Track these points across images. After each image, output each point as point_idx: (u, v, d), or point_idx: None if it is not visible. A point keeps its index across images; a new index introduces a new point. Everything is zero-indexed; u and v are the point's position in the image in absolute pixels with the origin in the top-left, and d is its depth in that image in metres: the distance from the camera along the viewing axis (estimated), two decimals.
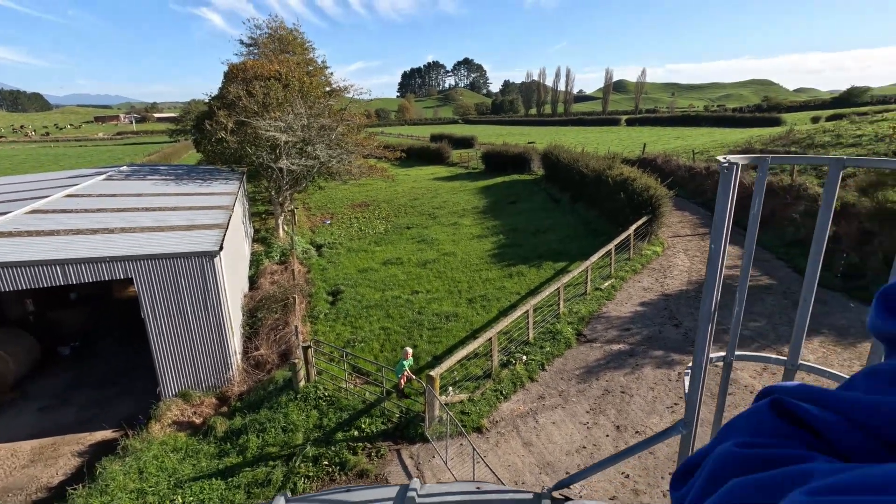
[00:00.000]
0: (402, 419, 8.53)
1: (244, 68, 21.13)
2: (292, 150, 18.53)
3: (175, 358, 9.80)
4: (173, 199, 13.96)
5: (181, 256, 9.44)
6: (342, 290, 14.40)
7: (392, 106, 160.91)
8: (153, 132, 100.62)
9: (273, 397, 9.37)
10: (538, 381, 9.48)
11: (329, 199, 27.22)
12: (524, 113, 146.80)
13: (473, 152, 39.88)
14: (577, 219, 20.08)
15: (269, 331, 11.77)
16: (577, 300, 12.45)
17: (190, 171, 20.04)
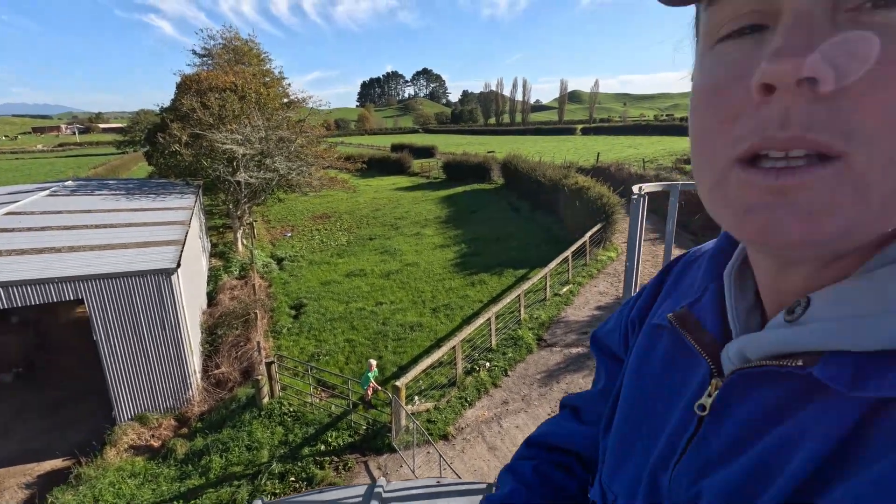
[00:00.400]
0: (369, 430, 8.59)
1: (198, 79, 20.69)
2: (250, 163, 18.26)
3: (130, 380, 9.49)
4: (125, 216, 13.50)
5: (136, 275, 9.19)
6: (305, 304, 14.28)
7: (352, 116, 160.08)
8: (98, 143, 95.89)
9: (236, 416, 9.22)
10: (501, 387, 9.75)
11: (289, 211, 26.84)
12: (483, 122, 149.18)
13: (434, 162, 40.29)
14: (537, 226, 20.67)
15: (230, 348, 11.55)
16: (537, 306, 12.85)
17: (142, 185, 19.36)
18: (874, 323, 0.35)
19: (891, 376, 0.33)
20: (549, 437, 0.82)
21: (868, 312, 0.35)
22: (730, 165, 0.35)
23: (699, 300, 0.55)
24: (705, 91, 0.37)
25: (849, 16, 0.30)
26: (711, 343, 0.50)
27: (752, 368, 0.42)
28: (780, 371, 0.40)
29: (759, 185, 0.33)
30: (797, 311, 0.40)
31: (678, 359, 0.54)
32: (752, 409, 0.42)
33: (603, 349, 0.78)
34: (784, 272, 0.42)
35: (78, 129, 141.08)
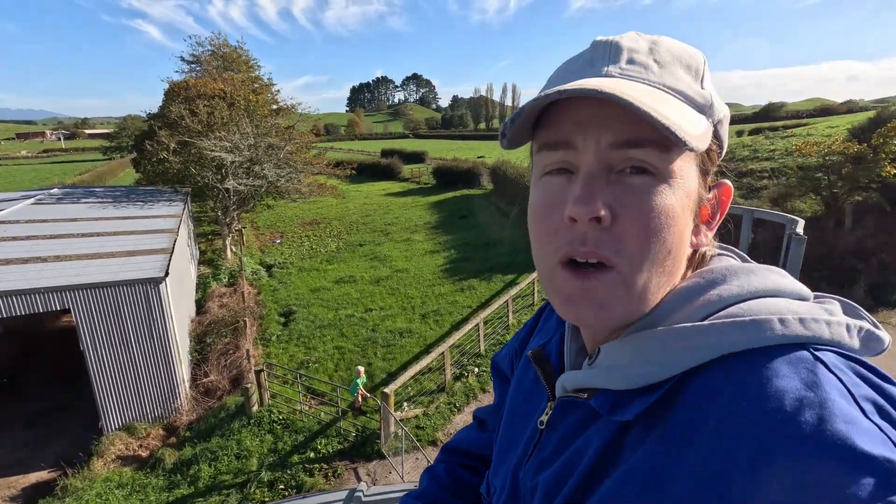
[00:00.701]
0: (359, 437, 8.64)
1: (186, 86, 20.64)
2: (239, 170, 18.23)
3: (118, 390, 9.44)
4: (112, 224, 13.43)
5: (123, 284, 9.17)
6: (294, 311, 14.28)
7: (341, 121, 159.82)
8: (84, 149, 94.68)
9: (225, 424, 9.21)
10: (490, 392, 9.85)
11: (278, 217, 26.78)
12: (473, 127, 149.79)
13: (424, 167, 40.41)
14: (525, 232, 20.55)
15: (218, 356, 11.53)
16: (525, 311, 12.99)
17: (129, 192, 19.23)
18: (622, 371, 0.51)
19: (628, 408, 0.50)
20: (460, 444, 1.01)
21: (621, 364, 0.52)
22: (555, 266, 0.52)
23: (550, 341, 0.74)
24: (538, 210, 0.54)
25: (616, 177, 0.48)
26: (552, 375, 0.67)
27: (566, 397, 0.60)
28: (577, 401, 0.57)
29: (572, 283, 0.50)
30: (594, 356, 0.56)
31: (536, 385, 0.71)
32: (566, 426, 0.59)
33: (498, 372, 0.95)
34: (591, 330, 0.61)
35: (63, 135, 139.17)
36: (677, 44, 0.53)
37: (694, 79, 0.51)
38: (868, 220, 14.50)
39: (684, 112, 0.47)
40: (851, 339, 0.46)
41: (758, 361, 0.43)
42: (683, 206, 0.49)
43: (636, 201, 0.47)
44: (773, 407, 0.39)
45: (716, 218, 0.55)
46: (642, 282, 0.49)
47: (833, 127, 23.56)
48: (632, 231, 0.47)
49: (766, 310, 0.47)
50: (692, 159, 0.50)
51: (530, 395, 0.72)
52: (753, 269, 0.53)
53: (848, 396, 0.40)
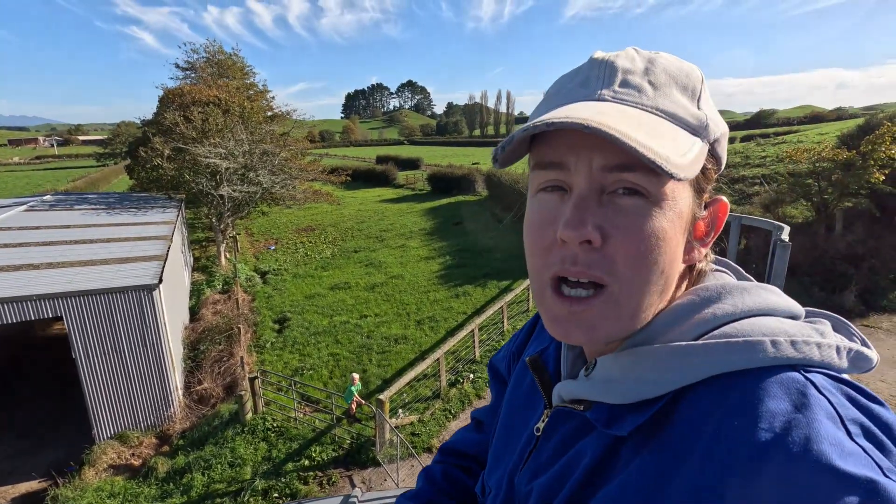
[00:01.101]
0: (354, 445, 8.60)
1: (181, 93, 20.62)
2: (234, 177, 18.21)
3: (110, 398, 9.36)
4: (106, 231, 13.36)
5: (117, 291, 9.11)
6: (289, 318, 14.23)
7: (336, 127, 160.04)
8: (78, 156, 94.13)
9: (218, 432, 9.14)
10: (485, 399, 9.84)
11: (273, 224, 26.72)
12: (468, 134, 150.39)
13: (420, 174, 40.48)
14: (520, 238, 20.56)
15: (212, 363, 11.46)
16: (520, 317, 13.01)
17: (123, 199, 19.17)
18: (617, 386, 0.53)
19: (624, 422, 0.51)
20: (457, 445, 1.02)
21: (616, 379, 0.53)
22: (546, 284, 0.53)
23: (548, 348, 0.75)
24: (532, 226, 0.55)
25: (608, 197, 0.49)
26: (549, 383, 0.69)
27: (562, 407, 0.61)
28: (574, 412, 0.59)
29: (560, 306, 0.52)
30: (590, 368, 0.58)
31: (534, 392, 0.73)
32: (561, 435, 0.61)
33: (495, 374, 0.98)
34: None
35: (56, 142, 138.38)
36: (675, 62, 0.53)
37: (690, 99, 0.52)
38: (858, 226, 14.67)
39: (675, 138, 0.48)
40: (841, 360, 0.48)
41: (750, 382, 0.45)
42: (675, 227, 0.50)
43: (627, 223, 0.48)
44: (763, 427, 0.41)
45: (711, 234, 0.56)
46: (633, 301, 0.50)
47: (823, 134, 23.84)
48: (623, 252, 0.49)
49: (759, 330, 0.48)
50: (686, 182, 0.51)
51: (527, 401, 0.74)
52: (747, 288, 0.54)
53: (836, 418, 0.41)
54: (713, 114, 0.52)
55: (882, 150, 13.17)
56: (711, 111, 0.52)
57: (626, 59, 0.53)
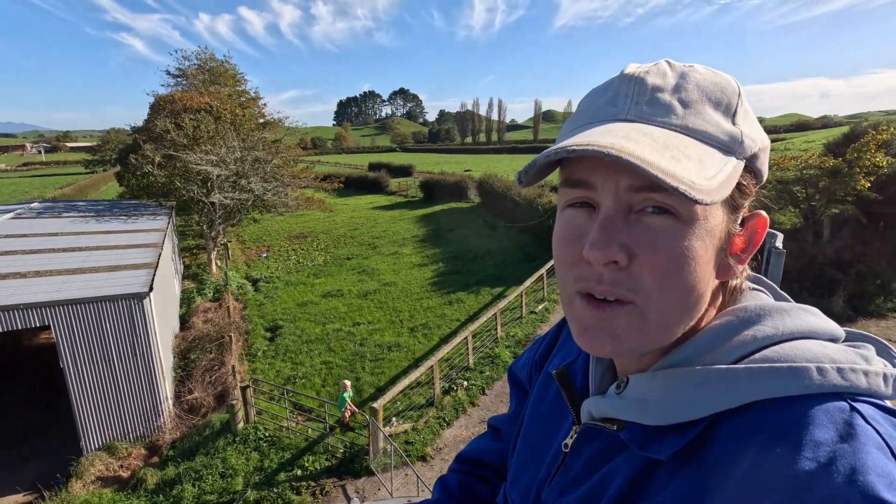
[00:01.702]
0: (347, 454, 8.52)
1: (172, 100, 20.58)
2: (225, 184, 18.12)
3: (99, 409, 9.20)
4: (95, 238, 13.21)
5: (106, 300, 9.00)
6: (281, 326, 14.12)
7: (328, 134, 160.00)
8: (66, 163, 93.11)
9: (209, 442, 9.02)
10: (479, 406, 9.81)
11: (265, 231, 26.58)
12: (460, 141, 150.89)
13: (412, 181, 40.53)
14: (513, 244, 20.99)
15: (203, 372, 11.32)
16: (513, 324, 13.02)
17: (112, 206, 18.97)
18: (654, 407, 0.52)
19: (660, 445, 0.50)
20: (473, 454, 1.01)
21: (651, 399, 0.52)
22: (574, 294, 0.53)
23: (575, 361, 0.73)
24: (560, 240, 0.55)
25: (636, 216, 0.49)
26: (577, 398, 0.68)
27: (592, 424, 0.61)
28: (604, 430, 0.58)
29: (590, 313, 0.51)
30: (622, 386, 0.57)
31: (559, 405, 0.72)
32: (591, 452, 0.60)
33: (516, 381, 0.96)
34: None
35: (44, 148, 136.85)
36: (709, 76, 0.52)
37: (724, 115, 0.50)
38: (845, 232, 14.90)
39: (703, 159, 0.47)
40: (887, 388, 0.46)
41: (793, 410, 0.44)
42: (706, 246, 0.49)
43: (655, 242, 0.48)
44: (806, 456, 0.40)
45: (748, 250, 0.54)
46: (660, 317, 0.50)
47: (810, 142, 24.26)
48: (649, 271, 0.48)
49: (802, 356, 0.47)
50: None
51: (553, 415, 0.73)
52: (787, 309, 0.53)
53: (885, 449, 0.39)
54: (750, 128, 0.51)
55: (867, 157, 13.41)
56: (749, 125, 0.51)
57: (656, 76, 0.52)
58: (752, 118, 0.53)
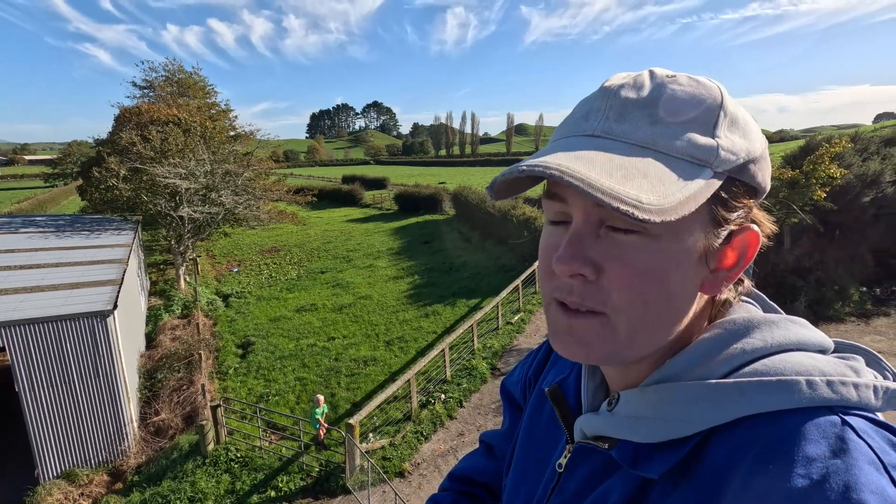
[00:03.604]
0: (322, 472, 8.31)
1: (138, 112, 20.04)
2: (194, 197, 17.68)
3: (57, 434, 8.74)
4: (55, 255, 12.66)
5: (66, 319, 8.61)
6: (253, 342, 13.77)
7: (301, 147, 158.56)
8: (24, 176, 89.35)
9: (177, 465, 8.66)
10: (457, 419, 9.75)
11: (236, 245, 26.01)
12: (434, 154, 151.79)
13: (386, 193, 40.48)
14: (488, 256, 21.12)
15: (170, 392, 10.91)
16: (490, 335, 13.04)
17: (74, 221, 18.23)
18: (645, 424, 0.51)
19: (651, 463, 0.50)
20: (466, 472, 0.98)
21: (644, 416, 0.52)
22: (551, 300, 0.54)
23: (567, 378, 0.73)
24: (541, 252, 0.56)
25: (605, 231, 0.49)
26: (570, 416, 0.67)
27: (584, 443, 0.60)
28: (597, 448, 0.58)
29: (562, 319, 0.52)
30: (612, 402, 0.57)
31: (553, 423, 0.72)
32: (585, 472, 0.59)
33: (509, 397, 0.95)
34: (607, 369, 0.62)
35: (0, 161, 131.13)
36: (689, 87, 0.51)
37: (701, 127, 0.49)
38: (805, 241, 15.57)
39: (664, 177, 0.46)
40: (878, 400, 0.46)
41: (784, 424, 0.43)
42: (678, 261, 0.48)
43: (622, 257, 0.48)
44: (799, 473, 0.39)
45: (738, 265, 0.52)
46: (629, 329, 0.50)
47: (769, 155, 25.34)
48: (617, 285, 0.48)
49: (791, 368, 0.47)
50: (699, 211, 0.47)
51: (547, 433, 0.73)
52: (775, 321, 0.52)
53: (878, 465, 0.39)
54: (733, 140, 0.49)
55: (822, 169, 14.10)
56: (732, 136, 0.49)
57: (631, 89, 0.52)
58: (744, 127, 0.51)
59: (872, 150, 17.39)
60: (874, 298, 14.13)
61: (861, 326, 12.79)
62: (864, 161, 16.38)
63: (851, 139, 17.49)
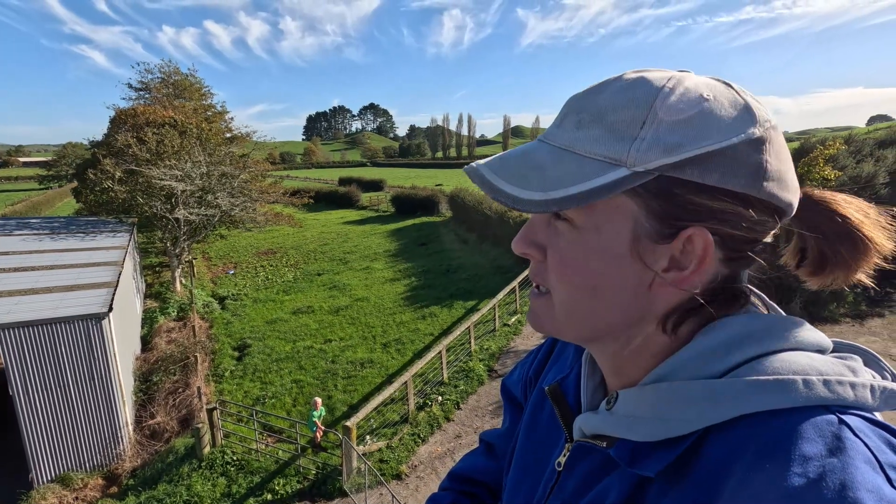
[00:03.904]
0: (319, 475, 8.28)
1: (134, 114, 19.98)
2: (190, 199, 17.63)
3: (51, 437, 8.68)
4: (49, 257, 12.59)
5: (61, 321, 8.55)
6: (249, 345, 13.72)
7: (297, 149, 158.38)
8: (18, 178, 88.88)
9: (173, 469, 8.61)
10: (454, 421, 9.73)
11: (232, 247, 25.93)
12: (431, 156, 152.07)
13: (383, 195, 40.44)
14: (485, 257, 21.13)
15: (166, 395, 10.86)
16: (487, 337, 13.04)
17: (69, 223, 18.15)
18: (643, 423, 0.52)
19: (648, 461, 0.50)
20: (466, 471, 0.98)
21: (641, 415, 0.52)
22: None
23: (567, 377, 0.73)
24: None
25: (553, 219, 0.56)
26: (570, 415, 0.68)
27: (583, 442, 0.61)
28: (595, 447, 0.59)
29: (532, 297, 0.61)
30: (611, 401, 0.57)
31: (553, 422, 0.72)
32: (584, 470, 0.60)
33: (509, 396, 0.95)
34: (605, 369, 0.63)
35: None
36: (624, 87, 0.51)
37: (625, 126, 0.49)
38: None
39: (563, 177, 0.50)
40: (875, 400, 0.46)
41: (781, 423, 0.43)
42: (600, 254, 0.52)
43: (556, 243, 0.55)
44: (796, 472, 0.39)
45: (687, 267, 0.50)
46: (562, 308, 0.56)
47: None
48: (551, 267, 0.56)
49: (789, 368, 0.47)
50: (621, 209, 0.50)
51: (547, 432, 0.73)
52: (774, 321, 0.53)
53: (874, 463, 0.39)
54: (657, 138, 0.47)
55: (816, 171, 14.18)
56: (658, 135, 0.48)
57: (585, 96, 0.54)
58: (688, 121, 0.48)
59: (866, 153, 17.51)
60: (868, 299, 14.21)
61: (856, 327, 12.84)
62: (857, 163, 16.49)
63: (845, 141, 17.62)
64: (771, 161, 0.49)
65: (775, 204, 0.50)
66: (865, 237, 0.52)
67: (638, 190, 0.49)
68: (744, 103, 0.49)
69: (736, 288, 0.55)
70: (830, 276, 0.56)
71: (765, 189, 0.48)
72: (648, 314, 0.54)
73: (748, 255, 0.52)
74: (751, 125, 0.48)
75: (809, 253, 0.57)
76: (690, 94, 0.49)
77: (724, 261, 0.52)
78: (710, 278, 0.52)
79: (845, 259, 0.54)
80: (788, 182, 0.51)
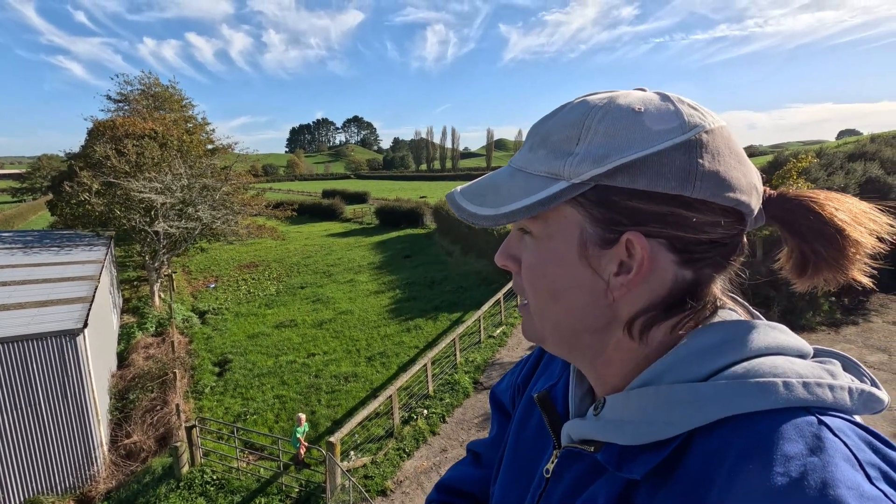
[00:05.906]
0: (302, 493, 8.10)
1: (113, 126, 19.68)
2: (170, 212, 17.35)
3: (20, 459, 8.35)
4: (23, 272, 12.23)
5: (33, 338, 8.28)
6: (230, 360, 13.44)
7: (281, 161, 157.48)
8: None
9: (150, 489, 8.34)
10: (440, 434, 9.64)
11: (213, 260, 25.51)
12: (415, 169, 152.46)
13: (367, 207, 40.33)
14: (469, 269, 21.15)
15: (143, 413, 10.55)
16: (472, 349, 13.00)
17: (43, 237, 17.67)
18: (629, 427, 0.52)
19: (634, 464, 0.51)
20: (454, 482, 0.98)
21: (627, 419, 0.53)
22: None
23: (556, 385, 0.74)
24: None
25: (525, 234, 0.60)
26: (558, 422, 0.68)
27: (571, 448, 0.61)
28: (583, 453, 0.59)
29: (519, 309, 0.65)
30: (599, 407, 0.58)
31: (542, 430, 0.72)
32: (572, 476, 0.60)
33: (498, 404, 0.95)
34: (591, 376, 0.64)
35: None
36: (567, 114, 0.55)
37: (563, 144, 0.53)
38: (777, 252, 16.01)
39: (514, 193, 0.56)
40: (853, 402, 0.47)
41: (763, 425, 0.45)
42: (556, 260, 0.56)
43: (525, 255, 0.60)
44: (778, 471, 0.40)
45: (629, 272, 0.52)
46: (537, 315, 0.60)
47: None
48: (523, 277, 0.60)
49: (770, 371, 0.48)
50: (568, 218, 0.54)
51: (536, 440, 0.74)
52: (756, 326, 0.54)
53: (853, 462, 0.40)
54: (589, 152, 0.51)
55: (790, 183, 14.61)
56: (587, 148, 0.52)
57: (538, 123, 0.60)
58: (615, 134, 0.51)
59: (837, 165, 18.13)
60: (843, 308, 14.57)
61: (831, 335, 13.15)
62: (829, 175, 17.05)
63: (817, 154, 18.21)
64: (704, 163, 0.49)
65: (720, 204, 0.50)
66: (841, 232, 0.51)
67: (580, 199, 0.53)
68: (674, 112, 0.51)
69: (703, 291, 0.54)
70: (816, 275, 0.55)
71: (698, 190, 0.49)
72: (614, 320, 0.55)
73: (709, 257, 0.53)
74: (678, 132, 0.50)
75: (792, 253, 0.58)
76: (622, 109, 0.52)
77: (681, 263, 0.52)
78: (670, 282, 0.53)
79: (825, 257, 0.53)
80: (732, 182, 0.50)
